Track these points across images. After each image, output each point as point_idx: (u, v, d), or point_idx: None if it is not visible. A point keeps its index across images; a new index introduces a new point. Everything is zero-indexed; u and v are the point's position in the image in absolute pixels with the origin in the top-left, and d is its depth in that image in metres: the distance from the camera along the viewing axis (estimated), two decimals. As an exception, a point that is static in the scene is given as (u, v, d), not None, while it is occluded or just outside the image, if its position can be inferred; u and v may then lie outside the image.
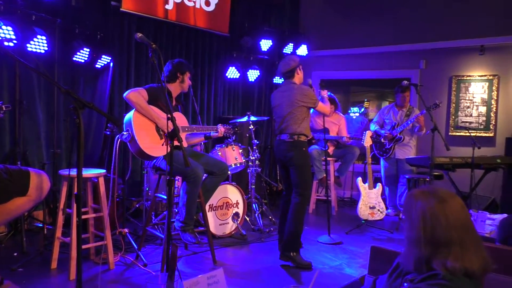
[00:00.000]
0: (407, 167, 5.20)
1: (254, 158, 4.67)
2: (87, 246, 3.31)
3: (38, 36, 3.78)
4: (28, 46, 3.76)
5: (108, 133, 3.87)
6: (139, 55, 4.96)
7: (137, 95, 3.26)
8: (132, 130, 3.20)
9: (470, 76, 5.87)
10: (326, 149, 4.70)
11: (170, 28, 5.25)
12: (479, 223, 3.56)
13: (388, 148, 5.36)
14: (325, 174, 4.84)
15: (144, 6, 4.79)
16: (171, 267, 1.94)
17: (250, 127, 4.68)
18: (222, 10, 5.62)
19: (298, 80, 3.66)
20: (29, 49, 3.78)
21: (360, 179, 4.75)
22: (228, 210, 4.26)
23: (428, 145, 4.24)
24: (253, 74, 6.10)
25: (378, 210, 4.61)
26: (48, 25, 4.01)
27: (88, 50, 4.20)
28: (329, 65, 6.81)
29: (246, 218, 4.56)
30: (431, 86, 5.88)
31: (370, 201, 4.63)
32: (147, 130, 3.30)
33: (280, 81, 6.14)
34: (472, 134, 5.07)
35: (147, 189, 4.30)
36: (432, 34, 5.92)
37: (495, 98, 5.70)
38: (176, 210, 3.57)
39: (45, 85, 4.24)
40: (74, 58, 4.19)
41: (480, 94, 5.81)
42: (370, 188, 4.67)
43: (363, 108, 7.13)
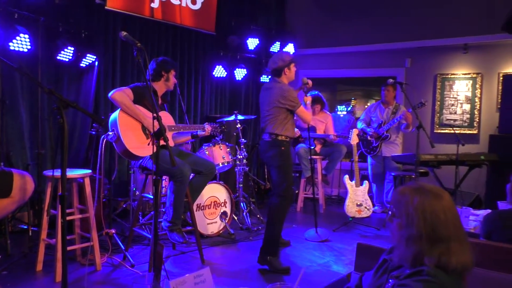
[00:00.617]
0: (393, 165, 5.25)
1: (241, 157, 4.66)
2: (73, 248, 3.28)
3: (21, 34, 3.71)
4: (10, 45, 3.70)
5: (93, 133, 3.83)
6: (125, 54, 4.91)
7: (122, 95, 3.23)
8: (117, 130, 3.17)
9: (454, 74, 5.95)
10: (313, 147, 4.71)
11: (156, 26, 5.20)
12: (464, 219, 3.59)
13: (375, 146, 5.41)
14: (311, 173, 4.85)
15: (129, 4, 4.73)
16: (157, 267, 1.93)
17: (238, 126, 4.68)
18: (208, 8, 5.59)
19: (287, 79, 3.56)
20: (11, 48, 3.71)
21: (347, 177, 4.78)
22: (216, 209, 4.25)
23: (413, 142, 4.29)
24: (240, 73, 6.09)
25: (365, 208, 4.65)
26: (31, 23, 3.94)
27: (72, 48, 4.14)
28: (315, 63, 6.84)
29: (234, 217, 4.56)
30: (416, 84, 5.95)
31: (357, 198, 4.67)
32: (133, 130, 3.27)
33: (267, 79, 6.14)
34: (456, 132, 5.15)
35: (134, 189, 4.26)
36: (417, 33, 5.99)
37: (479, 95, 5.80)
38: (163, 210, 3.55)
39: (28, 84, 4.16)
40: (58, 57, 4.13)
41: (464, 92, 5.89)
42: (357, 185, 4.71)
43: (350, 106, 7.18)
